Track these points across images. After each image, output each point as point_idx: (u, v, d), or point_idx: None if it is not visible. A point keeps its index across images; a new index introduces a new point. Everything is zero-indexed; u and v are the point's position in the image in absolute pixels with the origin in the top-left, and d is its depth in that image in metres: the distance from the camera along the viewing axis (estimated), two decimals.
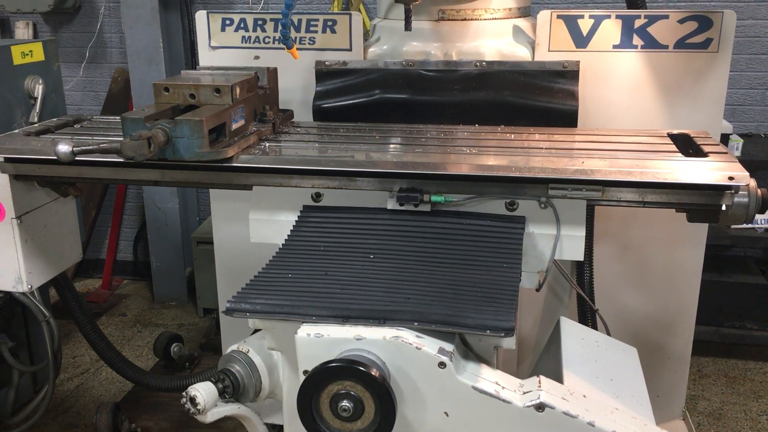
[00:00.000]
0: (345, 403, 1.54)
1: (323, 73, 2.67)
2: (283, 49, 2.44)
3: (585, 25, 2.53)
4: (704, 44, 2.49)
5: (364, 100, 2.63)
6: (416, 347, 1.55)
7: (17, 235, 2.32)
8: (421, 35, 2.64)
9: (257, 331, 1.83)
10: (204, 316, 4.91)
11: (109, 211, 5.36)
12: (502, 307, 1.63)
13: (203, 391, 1.72)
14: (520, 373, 1.85)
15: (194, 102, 2.12)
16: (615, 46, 2.54)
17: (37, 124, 2.51)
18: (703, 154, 2.04)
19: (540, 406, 1.55)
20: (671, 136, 2.27)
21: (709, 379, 4.06)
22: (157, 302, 5.20)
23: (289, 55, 2.44)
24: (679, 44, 2.50)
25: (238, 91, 2.15)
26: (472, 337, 1.67)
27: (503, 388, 1.59)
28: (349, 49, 2.71)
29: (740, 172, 1.84)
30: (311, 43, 2.73)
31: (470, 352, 1.68)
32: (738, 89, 4.40)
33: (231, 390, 1.78)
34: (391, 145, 2.26)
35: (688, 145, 2.20)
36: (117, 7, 4.93)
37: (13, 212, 2.29)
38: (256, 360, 1.83)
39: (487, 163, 1.99)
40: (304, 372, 1.59)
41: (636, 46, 2.52)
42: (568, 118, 2.49)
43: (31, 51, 3.29)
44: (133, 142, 1.85)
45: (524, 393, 1.59)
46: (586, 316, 2.69)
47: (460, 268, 1.83)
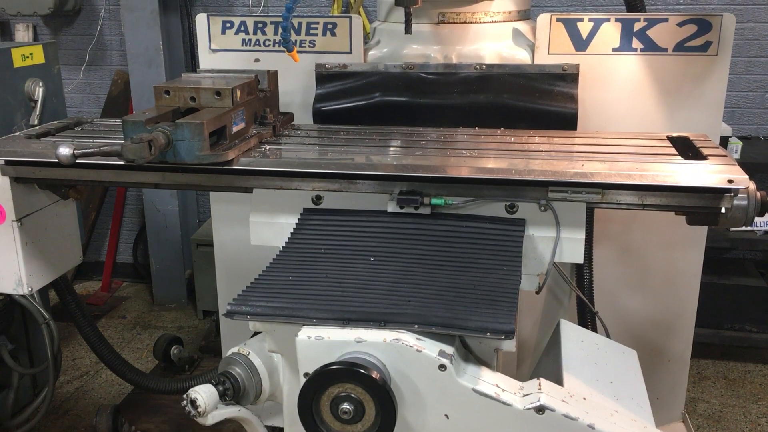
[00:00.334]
0: (345, 406, 1.54)
1: (323, 76, 2.67)
2: (283, 52, 2.45)
3: (584, 28, 2.54)
4: (703, 47, 2.49)
5: (364, 102, 2.63)
6: (417, 350, 1.56)
7: (18, 237, 2.32)
8: (421, 38, 2.65)
9: (257, 333, 1.83)
10: (204, 319, 4.91)
11: (109, 214, 5.36)
12: (502, 310, 1.63)
13: (204, 394, 1.72)
14: (520, 376, 1.85)
15: (195, 105, 2.12)
16: (614, 50, 2.54)
17: (37, 127, 2.51)
18: (703, 157, 2.05)
19: (540, 409, 1.55)
20: (671, 139, 2.27)
21: (708, 381, 4.06)
22: (156, 304, 5.20)
23: (290, 58, 2.44)
24: (679, 47, 2.51)
25: (238, 94, 2.15)
26: (472, 339, 1.67)
27: (503, 390, 1.60)
28: (349, 52, 2.71)
29: (739, 175, 1.84)
30: (311, 46, 2.74)
31: (470, 355, 1.68)
32: (737, 92, 4.41)
33: (231, 392, 1.78)
34: (392, 148, 2.26)
35: (687, 148, 2.20)
36: (117, 9, 4.94)
37: (13, 215, 2.30)
38: (257, 362, 1.83)
39: (487, 166, 1.99)
40: (305, 374, 1.59)
41: (635, 50, 2.53)
42: (567, 121, 2.49)
43: (31, 54, 3.29)
44: (134, 144, 1.86)
45: (524, 395, 1.59)
46: (586, 318, 2.69)
47: (461, 270, 1.83)
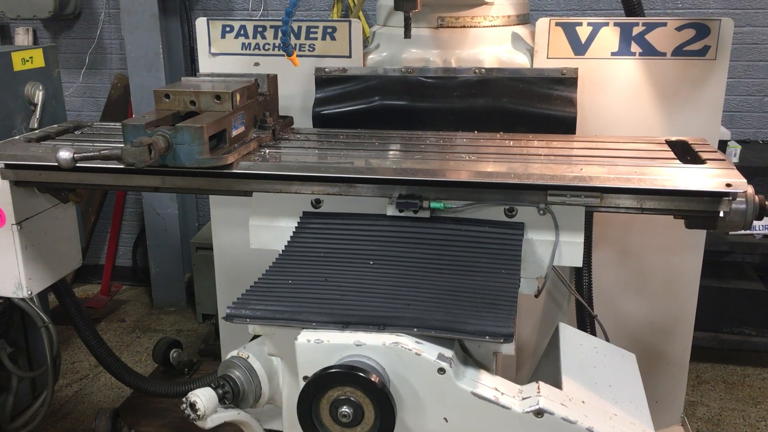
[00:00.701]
0: (345, 409, 1.54)
1: (323, 80, 2.68)
2: (283, 55, 2.45)
3: (583, 32, 2.55)
4: (702, 51, 2.50)
5: (363, 106, 2.64)
6: (416, 353, 1.56)
7: (17, 240, 2.32)
8: (421, 42, 2.66)
9: (257, 336, 1.84)
10: (203, 322, 4.90)
11: (109, 217, 5.36)
12: (501, 313, 1.63)
13: (203, 397, 1.72)
14: (519, 379, 1.86)
15: (195, 109, 2.12)
16: (613, 54, 2.55)
17: (37, 131, 2.51)
18: (701, 161, 2.05)
19: (539, 412, 1.56)
20: (669, 143, 2.28)
21: (707, 384, 4.06)
22: (156, 308, 5.19)
23: (289, 62, 2.45)
24: (677, 51, 2.51)
25: (238, 97, 2.16)
26: (471, 343, 1.67)
27: (502, 393, 1.60)
28: (349, 56, 2.72)
29: (738, 179, 1.85)
30: (311, 50, 2.75)
31: (469, 358, 1.68)
32: (736, 96, 4.41)
33: (231, 396, 1.78)
34: (391, 152, 2.26)
35: (686, 152, 2.20)
36: (117, 13, 4.94)
37: (13, 218, 2.30)
38: (256, 366, 1.83)
39: (486, 170, 1.99)
40: (304, 378, 1.59)
41: (634, 54, 2.54)
42: (566, 125, 2.50)
43: (31, 57, 3.30)
44: (134, 148, 1.86)
45: (523, 399, 1.60)
46: (585, 321, 2.69)
47: (460, 274, 1.84)
